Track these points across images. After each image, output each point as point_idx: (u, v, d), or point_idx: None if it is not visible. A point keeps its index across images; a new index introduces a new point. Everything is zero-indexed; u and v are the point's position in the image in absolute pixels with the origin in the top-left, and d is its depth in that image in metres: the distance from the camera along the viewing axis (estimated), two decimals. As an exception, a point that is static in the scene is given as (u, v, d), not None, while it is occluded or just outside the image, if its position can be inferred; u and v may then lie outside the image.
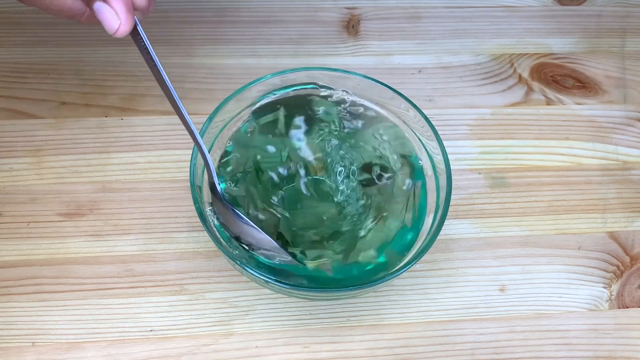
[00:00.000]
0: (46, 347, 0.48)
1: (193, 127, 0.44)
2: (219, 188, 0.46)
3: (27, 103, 0.56)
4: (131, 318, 0.49)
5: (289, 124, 0.49)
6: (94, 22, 0.42)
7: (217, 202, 0.46)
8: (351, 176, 0.48)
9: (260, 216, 0.46)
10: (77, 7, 0.43)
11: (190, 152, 0.47)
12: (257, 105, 0.50)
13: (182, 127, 0.56)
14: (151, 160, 0.55)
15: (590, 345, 0.50)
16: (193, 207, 0.45)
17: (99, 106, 0.57)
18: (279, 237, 0.46)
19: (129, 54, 0.59)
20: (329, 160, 0.48)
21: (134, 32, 0.41)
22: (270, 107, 0.50)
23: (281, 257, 0.45)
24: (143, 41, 0.42)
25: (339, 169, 0.48)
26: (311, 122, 0.50)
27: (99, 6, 0.40)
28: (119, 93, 0.58)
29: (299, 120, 0.49)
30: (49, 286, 0.49)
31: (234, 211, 0.45)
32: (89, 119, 0.56)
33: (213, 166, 0.46)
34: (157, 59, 0.42)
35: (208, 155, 0.45)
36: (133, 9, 0.41)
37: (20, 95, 0.57)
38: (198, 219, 0.45)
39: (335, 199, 0.47)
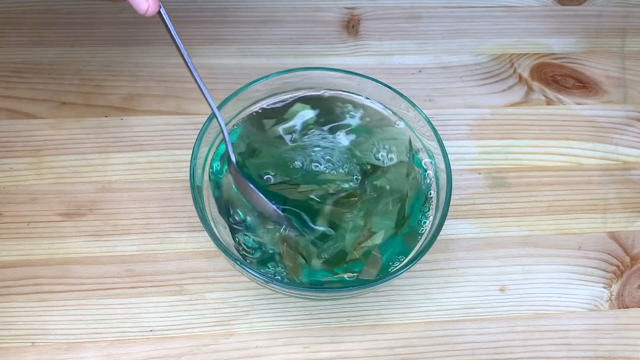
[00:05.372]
0: (46, 347, 0.48)
1: (211, 101, 0.46)
2: (233, 158, 0.47)
3: (27, 103, 0.56)
4: (131, 318, 0.49)
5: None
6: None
7: (232, 172, 0.48)
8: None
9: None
10: None
11: (190, 152, 0.47)
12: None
13: (182, 127, 0.56)
14: (151, 160, 0.55)
15: (590, 345, 0.50)
16: (193, 207, 0.45)
17: (99, 106, 0.57)
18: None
19: (129, 54, 0.59)
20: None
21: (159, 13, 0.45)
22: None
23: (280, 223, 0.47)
24: (165, 21, 0.46)
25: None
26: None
27: None
28: (119, 93, 0.58)
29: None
30: (49, 286, 0.49)
31: (247, 181, 0.48)
32: (89, 119, 0.56)
33: (228, 134, 0.47)
34: (177, 37, 0.46)
35: (221, 119, 0.47)
36: None
37: (20, 95, 0.57)
38: (198, 219, 0.45)
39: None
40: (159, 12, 0.46)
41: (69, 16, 0.61)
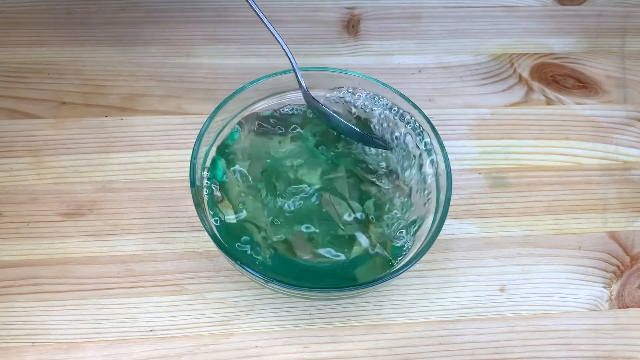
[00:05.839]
0: (46, 347, 0.48)
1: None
2: (303, 84, 0.50)
3: (27, 103, 0.56)
4: (131, 318, 0.49)
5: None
6: None
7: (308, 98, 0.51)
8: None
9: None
10: None
11: (190, 152, 0.47)
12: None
13: (182, 127, 0.57)
14: (151, 160, 0.55)
15: (590, 345, 0.50)
16: (193, 207, 0.45)
17: (99, 106, 0.57)
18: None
19: (129, 54, 0.59)
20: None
21: None
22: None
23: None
24: None
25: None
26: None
27: None
28: (119, 93, 0.58)
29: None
30: (49, 286, 0.49)
31: (320, 104, 0.51)
32: (89, 119, 0.56)
33: (296, 64, 0.49)
34: None
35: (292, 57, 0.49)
36: None
37: (20, 95, 0.57)
38: (198, 219, 0.45)
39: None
40: None
41: (69, 16, 0.61)
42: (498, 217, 0.54)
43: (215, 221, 0.47)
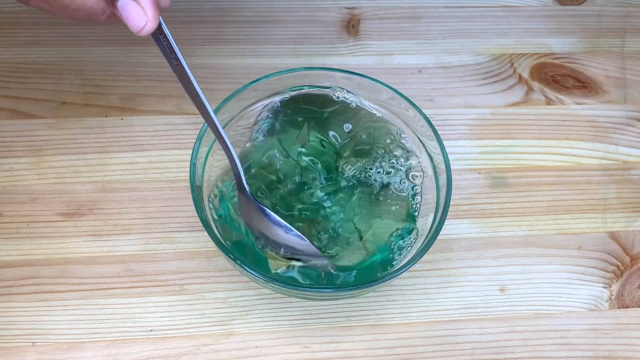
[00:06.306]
0: (46, 347, 0.48)
1: (220, 126, 0.44)
2: (246, 186, 0.45)
3: (27, 103, 0.56)
4: (131, 318, 0.49)
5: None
6: (114, 20, 0.40)
7: (242, 199, 0.46)
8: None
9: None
10: (99, 6, 0.40)
11: (190, 152, 0.47)
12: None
13: (182, 127, 0.57)
14: (151, 160, 0.55)
15: (590, 345, 0.50)
16: (193, 207, 0.45)
17: (99, 106, 0.57)
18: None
19: (129, 54, 0.59)
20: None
21: (156, 31, 0.39)
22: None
23: (305, 254, 0.46)
24: (166, 39, 0.40)
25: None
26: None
27: (123, 4, 0.38)
28: (119, 93, 0.58)
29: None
30: (49, 286, 0.49)
31: (262, 208, 0.45)
32: (89, 119, 0.56)
33: (238, 161, 0.45)
34: (182, 56, 0.41)
35: (233, 151, 0.45)
36: (158, 5, 0.39)
37: (20, 95, 0.57)
38: (198, 219, 0.45)
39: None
40: (158, 30, 0.40)
41: (69, 16, 0.61)
42: (498, 217, 0.54)
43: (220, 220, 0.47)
